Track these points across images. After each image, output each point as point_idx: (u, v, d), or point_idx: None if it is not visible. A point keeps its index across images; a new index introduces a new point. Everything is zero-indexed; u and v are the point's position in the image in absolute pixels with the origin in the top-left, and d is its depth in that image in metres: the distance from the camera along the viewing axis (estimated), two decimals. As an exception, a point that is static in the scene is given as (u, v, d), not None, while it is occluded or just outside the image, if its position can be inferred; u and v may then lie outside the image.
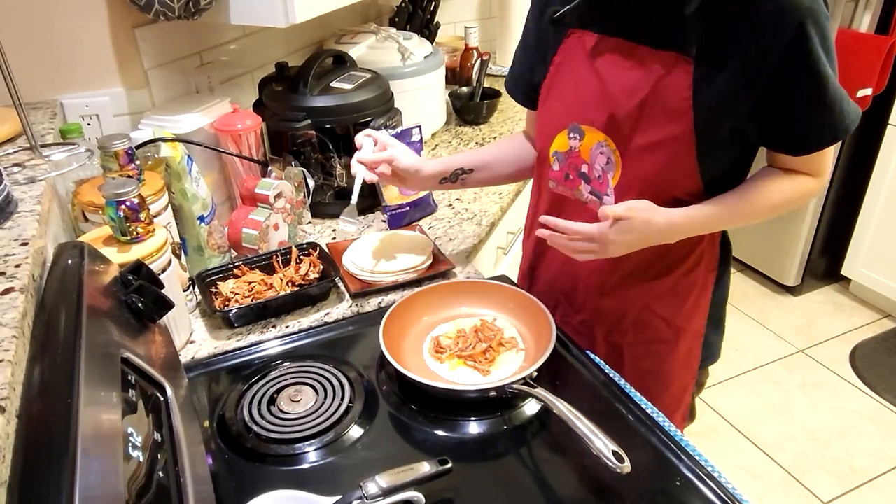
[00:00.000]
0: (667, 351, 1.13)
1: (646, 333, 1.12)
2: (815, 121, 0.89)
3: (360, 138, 1.12)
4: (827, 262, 2.84)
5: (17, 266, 0.72)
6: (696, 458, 0.85)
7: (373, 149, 1.12)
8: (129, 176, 1.02)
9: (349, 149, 1.40)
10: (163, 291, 0.79)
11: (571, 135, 1.01)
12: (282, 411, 0.93)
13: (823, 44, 0.83)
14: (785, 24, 0.81)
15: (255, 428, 0.90)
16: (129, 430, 0.58)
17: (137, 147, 1.08)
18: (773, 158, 0.98)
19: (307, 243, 1.25)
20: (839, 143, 2.42)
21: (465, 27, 2.11)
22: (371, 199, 1.49)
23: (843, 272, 2.78)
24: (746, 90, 0.87)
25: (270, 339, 1.09)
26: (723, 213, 0.95)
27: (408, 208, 1.41)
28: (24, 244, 0.77)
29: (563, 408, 0.83)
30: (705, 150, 0.91)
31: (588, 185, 1.03)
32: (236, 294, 1.13)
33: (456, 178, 1.16)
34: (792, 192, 0.97)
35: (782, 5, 0.81)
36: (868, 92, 2.29)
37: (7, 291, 0.67)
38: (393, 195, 1.41)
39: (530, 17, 1.08)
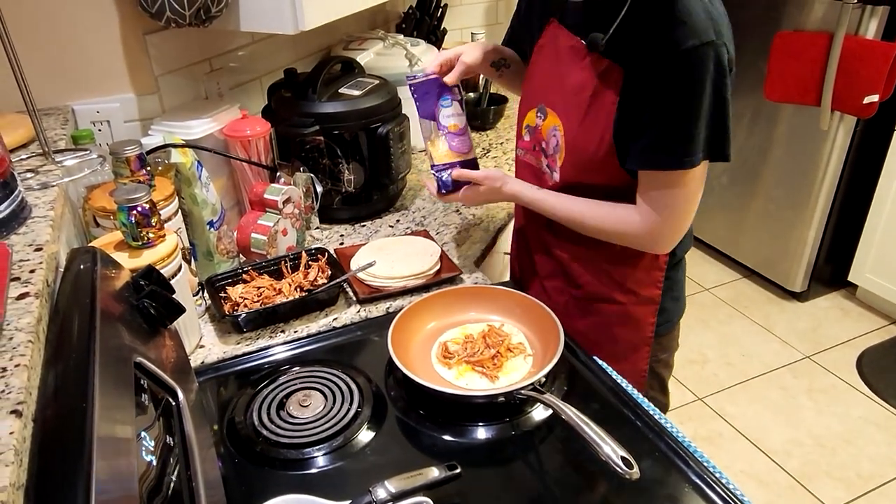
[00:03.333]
0: (617, 311, 1.18)
1: (601, 291, 1.18)
2: (650, 142, 0.96)
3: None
4: (833, 267, 2.83)
5: (32, 271, 0.73)
6: (704, 463, 0.85)
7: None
8: (140, 181, 1.02)
9: (357, 154, 1.41)
10: (174, 296, 0.80)
11: (538, 114, 1.13)
12: (291, 416, 0.93)
13: (696, 81, 0.90)
14: (676, 50, 0.89)
15: (265, 432, 0.90)
16: (142, 433, 0.58)
17: (148, 153, 1.09)
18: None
19: (316, 248, 1.26)
20: (826, 176, 2.46)
21: (472, 33, 2.12)
22: (384, 203, 1.50)
23: (850, 278, 2.77)
24: (646, 103, 0.95)
25: (279, 344, 1.10)
26: (556, 207, 1.11)
27: (457, 168, 1.22)
28: (38, 249, 0.77)
29: (571, 413, 0.84)
30: (622, 150, 1.00)
31: (546, 158, 1.14)
32: (245, 299, 1.14)
33: (499, 66, 1.27)
34: (609, 215, 1.06)
35: (684, 34, 0.88)
36: (875, 98, 2.29)
37: (22, 296, 0.68)
38: (441, 153, 1.22)
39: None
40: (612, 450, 0.78)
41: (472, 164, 1.24)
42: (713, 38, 0.89)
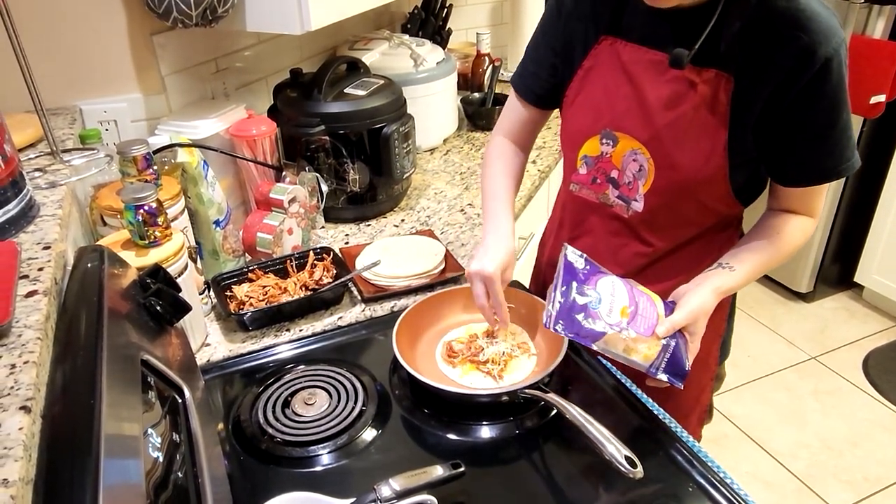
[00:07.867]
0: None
1: None
2: (811, 157, 0.92)
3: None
4: (840, 268, 2.82)
5: (40, 269, 0.73)
6: (709, 464, 0.85)
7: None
8: (146, 181, 1.03)
9: (362, 154, 1.42)
10: (180, 294, 0.81)
11: (604, 140, 1.01)
12: (296, 414, 0.94)
13: (839, 85, 0.85)
14: (814, 58, 0.83)
15: (270, 430, 0.91)
16: (149, 430, 0.59)
17: (155, 152, 1.09)
18: (772, 194, 1.01)
19: (321, 248, 1.26)
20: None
21: (477, 33, 2.12)
22: (389, 202, 1.51)
23: (856, 279, 2.76)
24: (773, 114, 0.89)
25: (284, 343, 1.10)
26: (753, 272, 0.98)
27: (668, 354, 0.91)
28: (47, 248, 0.78)
29: (575, 412, 0.84)
30: (736, 164, 0.93)
31: (616, 189, 1.03)
32: (251, 298, 1.14)
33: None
34: (801, 237, 1.00)
35: (816, 40, 0.83)
36: (882, 98, 2.28)
37: (31, 294, 0.68)
38: (643, 351, 0.89)
39: (551, 16, 1.06)
40: (615, 449, 0.78)
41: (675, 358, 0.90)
42: (842, 34, 0.84)
